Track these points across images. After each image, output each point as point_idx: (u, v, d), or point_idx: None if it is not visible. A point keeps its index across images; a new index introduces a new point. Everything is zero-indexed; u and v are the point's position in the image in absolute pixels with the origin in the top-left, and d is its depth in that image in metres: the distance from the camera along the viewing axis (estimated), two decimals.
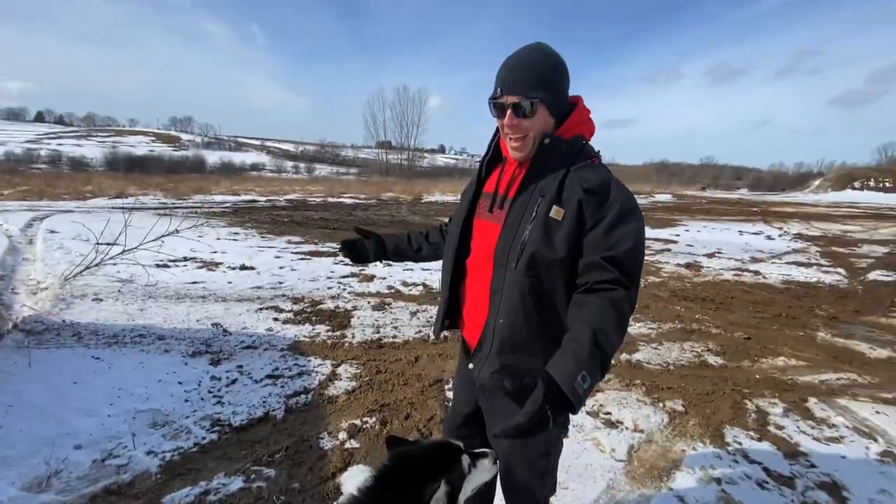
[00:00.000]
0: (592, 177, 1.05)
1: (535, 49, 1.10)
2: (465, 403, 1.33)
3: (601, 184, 1.04)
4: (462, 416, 1.34)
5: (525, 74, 1.06)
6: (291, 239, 8.29)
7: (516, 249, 1.07)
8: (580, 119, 1.14)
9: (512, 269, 1.08)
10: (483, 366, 1.16)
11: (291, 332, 3.76)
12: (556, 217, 1.05)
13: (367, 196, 21.22)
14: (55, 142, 74.25)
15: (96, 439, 2.18)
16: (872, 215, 21.13)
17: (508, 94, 1.08)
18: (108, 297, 4.25)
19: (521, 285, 1.07)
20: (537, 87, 1.06)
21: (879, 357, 3.84)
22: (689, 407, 2.85)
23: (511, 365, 1.12)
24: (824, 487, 2.15)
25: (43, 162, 45.95)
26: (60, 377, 2.70)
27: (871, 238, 12.33)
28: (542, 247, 1.04)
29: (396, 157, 56.41)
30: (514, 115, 1.08)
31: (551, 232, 1.04)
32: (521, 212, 1.10)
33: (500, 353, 1.12)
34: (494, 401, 1.22)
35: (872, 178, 49.88)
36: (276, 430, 2.39)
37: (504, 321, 1.10)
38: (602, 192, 1.03)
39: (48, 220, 8.57)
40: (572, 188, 1.05)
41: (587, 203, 1.03)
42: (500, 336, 1.11)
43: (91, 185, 16.88)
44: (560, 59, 1.11)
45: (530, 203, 1.09)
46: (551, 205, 1.06)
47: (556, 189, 1.06)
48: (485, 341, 1.16)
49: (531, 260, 1.05)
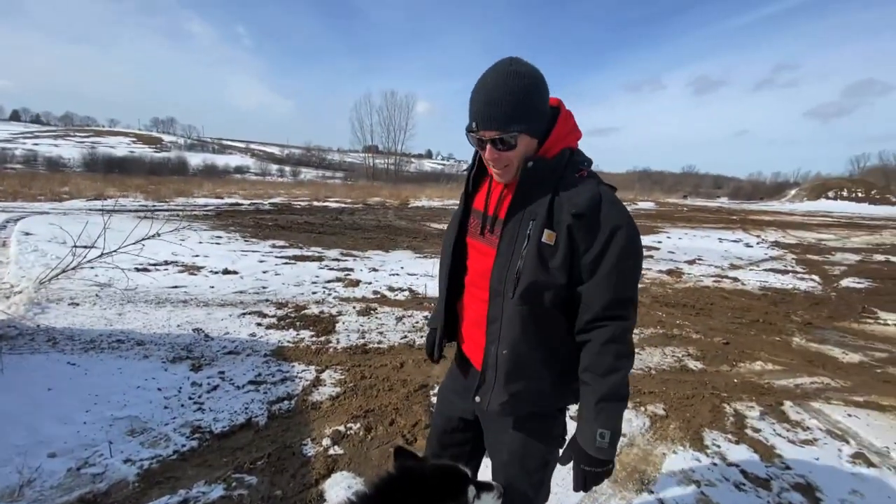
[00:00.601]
0: (579, 198, 1.01)
1: (507, 74, 1.01)
2: (462, 410, 1.30)
3: (590, 204, 1.00)
4: (456, 421, 1.32)
5: (501, 109, 0.99)
6: (276, 243, 8.20)
7: (512, 279, 1.05)
8: (565, 131, 1.09)
9: (509, 299, 1.06)
10: (491, 397, 1.13)
11: (275, 337, 3.72)
12: (548, 242, 1.02)
13: (354, 200, 21.11)
14: (31, 141, 72.22)
15: (71, 447, 2.12)
16: (846, 224, 21.82)
17: (485, 129, 1.02)
18: (86, 302, 4.15)
19: (521, 314, 1.05)
20: (515, 120, 1.00)
21: (851, 361, 3.96)
22: (670, 411, 2.90)
23: (519, 392, 1.11)
24: (799, 489, 2.21)
25: (18, 162, 44.58)
26: (34, 384, 2.62)
27: (844, 246, 12.75)
28: (539, 274, 1.02)
29: (383, 161, 56.34)
30: (495, 150, 1.04)
31: (546, 258, 1.03)
32: (513, 238, 1.07)
33: (507, 383, 1.10)
34: (495, 419, 1.21)
35: (846, 188, 51.59)
36: (258, 436, 2.35)
37: (507, 352, 1.08)
38: (591, 214, 1.00)
39: (22, 221, 8.32)
40: (562, 210, 1.02)
41: (577, 228, 1.00)
42: (506, 367, 1.09)
43: (68, 186, 16.44)
44: (535, 78, 1.03)
45: (521, 228, 1.06)
46: (542, 228, 1.03)
47: (546, 212, 1.03)
48: (488, 371, 1.13)
49: (528, 289, 1.03)
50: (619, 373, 1.01)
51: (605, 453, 1.02)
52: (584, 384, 1.05)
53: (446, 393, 1.39)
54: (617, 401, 1.02)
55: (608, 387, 1.01)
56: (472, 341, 1.22)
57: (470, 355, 1.26)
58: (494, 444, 1.25)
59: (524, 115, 1.01)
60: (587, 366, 1.04)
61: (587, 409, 1.04)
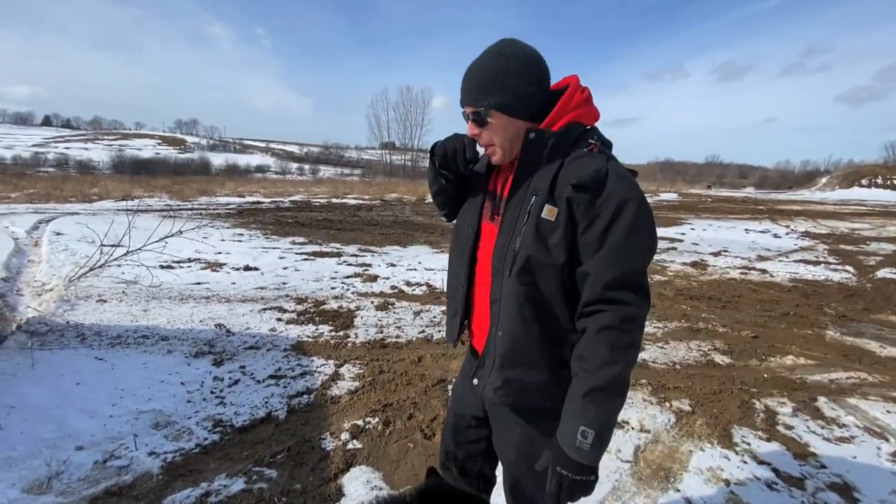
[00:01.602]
0: (583, 169, 0.94)
1: (490, 53, 1.02)
2: (474, 407, 1.27)
3: (594, 176, 0.92)
4: (470, 418, 1.29)
5: (472, 83, 1.02)
6: (295, 240, 8.30)
7: (510, 256, 1.00)
8: (569, 105, 1.00)
9: (507, 278, 1.01)
10: (486, 382, 1.10)
11: (294, 332, 3.75)
12: (548, 217, 0.96)
13: (371, 197, 21.23)
14: (62, 145, 74.98)
15: (98, 440, 2.17)
16: (880, 213, 20.90)
17: (463, 104, 1.05)
18: (112, 299, 4.26)
19: (518, 295, 1.00)
20: (486, 94, 1.00)
21: (890, 355, 3.78)
22: (696, 406, 2.81)
23: (515, 380, 1.06)
24: (835, 488, 2.11)
25: (50, 165, 46.37)
26: (63, 378, 2.70)
27: (879, 236, 12.19)
28: (536, 251, 0.97)
29: (400, 157, 56.54)
30: (475, 125, 1.05)
31: (545, 234, 0.96)
32: (514, 214, 1.02)
33: (502, 367, 1.06)
34: (499, 413, 1.18)
35: (880, 175, 49.40)
36: (278, 430, 2.37)
37: (503, 334, 1.04)
38: (594, 186, 0.91)
39: (54, 222, 8.62)
40: (564, 184, 0.95)
41: (577, 201, 0.93)
42: (501, 350, 1.05)
43: (97, 188, 17.01)
44: (518, 58, 1.00)
45: (523, 204, 1.01)
46: (543, 204, 0.97)
47: (549, 186, 0.97)
48: (487, 355, 1.10)
49: (524, 266, 0.98)
50: (614, 366, 0.90)
51: (584, 456, 0.89)
52: (574, 375, 0.95)
53: (458, 390, 1.36)
54: (608, 398, 0.90)
55: (599, 380, 0.90)
56: (482, 331, 1.17)
57: (479, 347, 1.21)
58: (501, 442, 1.20)
59: (495, 91, 0.99)
60: (579, 354, 0.95)
61: (572, 403, 0.93)
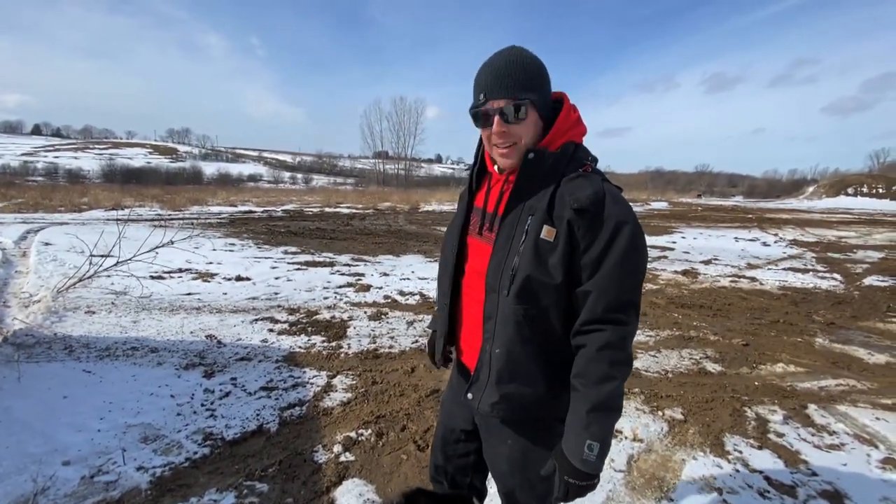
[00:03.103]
0: (582, 192, 0.97)
1: (513, 51, 1.02)
2: (463, 420, 1.27)
3: (593, 199, 0.95)
4: (459, 432, 1.29)
5: (511, 76, 0.98)
6: (288, 249, 8.26)
7: (507, 275, 1.01)
8: (567, 124, 1.05)
9: (504, 297, 1.02)
10: (482, 396, 1.11)
11: (286, 343, 3.72)
12: (547, 238, 0.98)
13: (365, 206, 21.23)
14: (52, 154, 74.26)
15: (85, 455, 2.13)
16: (866, 221, 21.26)
17: (494, 98, 1.00)
18: (101, 310, 4.21)
19: (515, 314, 1.01)
20: (525, 88, 0.99)
21: (878, 362, 3.83)
22: (689, 415, 2.82)
23: (511, 394, 1.07)
24: (826, 496, 2.12)
25: (39, 174, 45.81)
26: (50, 392, 2.66)
27: (865, 243, 12.39)
28: (536, 272, 0.98)
29: (393, 166, 56.64)
30: (503, 122, 1.00)
31: (544, 255, 0.98)
32: (510, 233, 1.03)
33: (498, 382, 1.07)
34: (491, 425, 1.18)
35: (866, 184, 50.30)
36: (269, 443, 2.34)
37: (500, 351, 1.05)
38: (594, 210, 0.95)
39: (43, 232, 8.51)
40: (563, 205, 0.98)
41: (577, 224, 0.96)
42: (498, 366, 1.06)
43: (87, 197, 16.83)
44: (540, 60, 1.04)
45: (519, 223, 1.02)
46: (542, 224, 0.99)
47: (546, 206, 0.99)
48: (481, 370, 1.10)
49: (524, 286, 0.99)
50: (613, 382, 0.95)
51: (591, 466, 0.95)
52: (575, 391, 0.99)
53: (447, 403, 1.36)
54: (609, 412, 0.96)
55: (601, 396, 0.95)
56: (470, 347, 1.17)
57: (467, 363, 1.20)
58: (493, 455, 1.20)
59: (533, 86, 1.00)
60: (579, 371, 0.98)
61: (576, 419, 0.97)
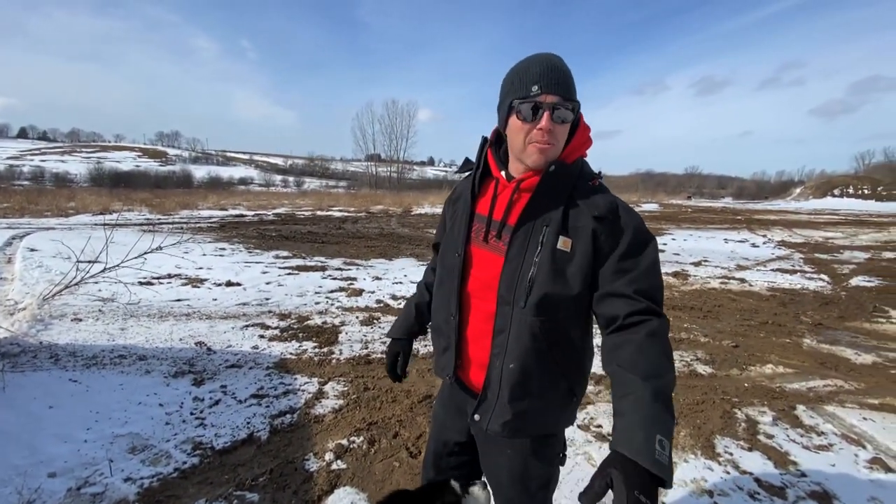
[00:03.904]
0: (600, 202, 0.98)
1: (556, 56, 1.00)
2: (457, 432, 1.25)
3: (610, 208, 0.97)
4: (453, 445, 1.27)
5: (567, 75, 0.97)
6: (279, 253, 8.21)
7: (524, 287, 0.99)
8: (583, 139, 1.05)
9: (520, 309, 0.99)
10: (492, 415, 1.06)
11: (277, 349, 3.69)
12: (564, 248, 0.97)
13: (357, 209, 21.18)
14: (38, 158, 73.23)
15: (71, 466, 2.09)
16: (853, 222, 21.62)
17: (549, 93, 0.94)
18: (88, 317, 4.15)
19: (532, 327, 0.98)
20: (575, 91, 0.98)
21: (864, 363, 3.88)
22: (680, 417, 2.84)
23: (524, 411, 1.03)
24: (815, 497, 2.14)
25: (25, 178, 45.18)
26: (35, 402, 2.61)
27: (852, 244, 12.59)
28: (554, 283, 0.97)
29: (386, 169, 56.58)
30: (555, 118, 0.96)
31: (562, 266, 0.97)
32: (524, 243, 1.01)
33: (511, 400, 1.03)
34: (489, 437, 1.15)
35: (851, 185, 51.25)
36: (260, 452, 2.32)
37: (515, 366, 1.01)
38: (613, 217, 0.97)
39: (28, 237, 8.38)
40: (579, 216, 0.98)
41: (600, 231, 0.96)
42: (511, 382, 1.02)
43: (74, 202, 16.60)
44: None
45: (534, 233, 1.00)
46: (558, 235, 0.98)
47: (561, 217, 0.99)
48: (490, 387, 1.05)
49: (542, 298, 0.97)
50: (670, 374, 0.87)
51: (664, 469, 0.73)
52: (624, 382, 0.86)
53: (439, 417, 1.33)
54: (671, 405, 0.83)
55: (664, 386, 0.83)
56: (474, 362, 1.14)
57: (472, 377, 1.17)
58: (491, 467, 1.18)
59: (575, 93, 0.99)
60: (631, 360, 0.87)
61: (641, 411, 0.80)
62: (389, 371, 1.42)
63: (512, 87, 1.00)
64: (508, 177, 1.09)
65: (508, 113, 1.01)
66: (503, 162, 1.11)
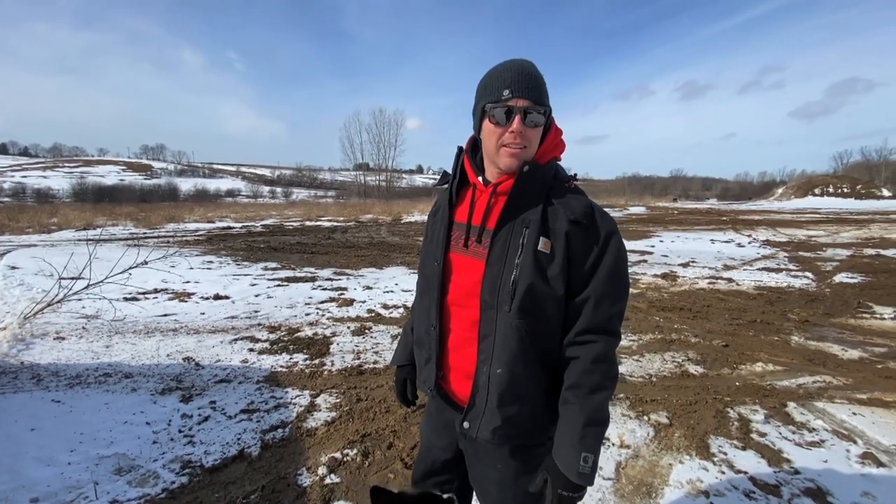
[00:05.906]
0: (576, 205, 1.00)
1: (528, 61, 1.02)
2: (443, 449, 1.24)
3: (584, 212, 0.99)
4: (441, 462, 1.25)
5: (537, 80, 0.99)
6: (268, 265, 8.12)
7: (507, 290, 0.99)
8: (555, 141, 1.08)
9: (505, 313, 0.99)
10: (481, 422, 1.05)
11: (268, 362, 3.63)
12: (544, 250, 0.98)
13: (346, 218, 21.09)
14: (19, 174, 71.90)
15: (55, 491, 2.02)
16: (834, 220, 22.07)
17: (519, 97, 0.97)
18: (72, 335, 4.05)
19: (518, 330, 0.99)
20: (547, 96, 1.01)
21: (851, 358, 3.94)
22: (674, 419, 2.85)
23: (513, 416, 1.03)
24: (809, 493, 2.15)
25: (6, 195, 44.27)
26: (16, 424, 2.53)
27: (834, 242, 12.84)
28: (537, 284, 0.98)
29: (374, 178, 56.57)
30: (526, 121, 0.98)
31: (544, 267, 0.98)
32: (504, 246, 1.01)
33: (500, 405, 1.02)
34: (478, 449, 1.13)
35: (831, 184, 52.43)
36: (251, 468, 2.27)
37: (503, 371, 1.01)
38: (586, 221, 0.99)
39: (8, 255, 8.19)
40: (557, 218, 1.00)
41: (574, 235, 0.98)
42: (499, 387, 1.01)
43: (56, 217, 16.30)
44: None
45: (514, 235, 1.00)
46: (539, 236, 0.99)
47: (540, 218, 1.00)
48: (478, 394, 1.05)
49: (527, 301, 0.98)
50: (604, 392, 0.97)
51: (586, 479, 0.94)
52: (568, 403, 0.99)
53: (426, 434, 1.31)
54: (602, 424, 0.97)
55: (595, 408, 0.96)
56: (459, 371, 1.12)
57: (455, 388, 1.15)
58: (482, 479, 1.16)
59: (547, 98, 1.02)
60: (575, 383, 0.99)
61: (571, 431, 0.96)
62: (400, 399, 1.39)
63: (485, 91, 1.02)
64: (485, 182, 1.10)
65: (482, 117, 1.03)
66: (480, 168, 1.12)
